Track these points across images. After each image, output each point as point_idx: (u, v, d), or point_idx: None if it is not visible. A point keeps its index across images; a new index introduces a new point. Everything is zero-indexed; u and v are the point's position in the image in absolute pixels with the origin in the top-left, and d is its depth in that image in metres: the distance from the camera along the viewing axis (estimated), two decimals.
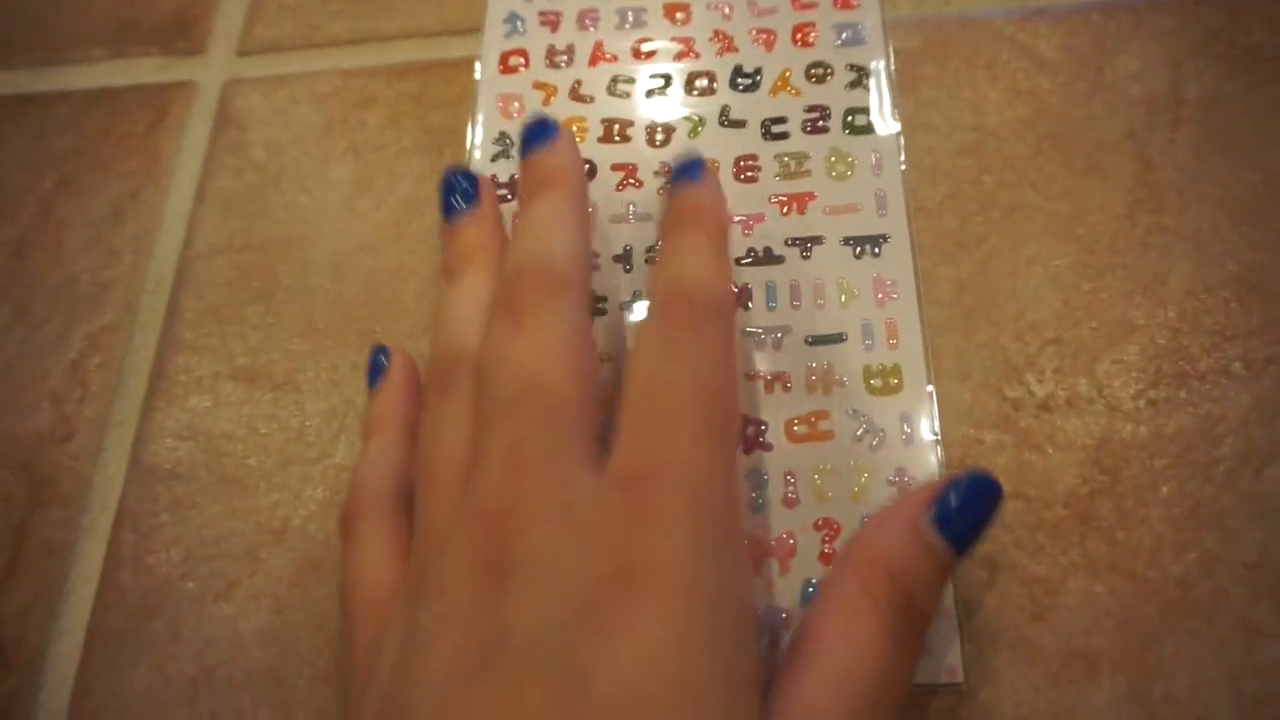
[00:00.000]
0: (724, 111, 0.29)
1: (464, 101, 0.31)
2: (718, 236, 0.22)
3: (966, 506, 0.18)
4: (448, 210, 0.25)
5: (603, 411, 0.20)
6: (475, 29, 0.32)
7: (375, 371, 0.25)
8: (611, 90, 0.30)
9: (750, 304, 0.26)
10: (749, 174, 0.28)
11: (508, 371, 0.19)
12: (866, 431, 0.25)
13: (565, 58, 0.31)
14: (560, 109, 0.30)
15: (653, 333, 0.19)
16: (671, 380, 0.18)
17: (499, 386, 0.19)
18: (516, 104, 0.30)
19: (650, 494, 0.16)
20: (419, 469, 0.20)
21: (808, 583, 0.23)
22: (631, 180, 0.29)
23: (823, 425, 0.25)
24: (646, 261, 0.27)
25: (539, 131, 0.24)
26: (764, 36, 0.30)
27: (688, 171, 0.24)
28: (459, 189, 0.24)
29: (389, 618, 0.18)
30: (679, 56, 0.31)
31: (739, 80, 0.30)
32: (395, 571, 0.20)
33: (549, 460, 0.17)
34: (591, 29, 0.31)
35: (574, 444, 0.18)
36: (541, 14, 0.32)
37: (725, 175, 0.28)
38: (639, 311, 0.27)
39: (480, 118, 0.30)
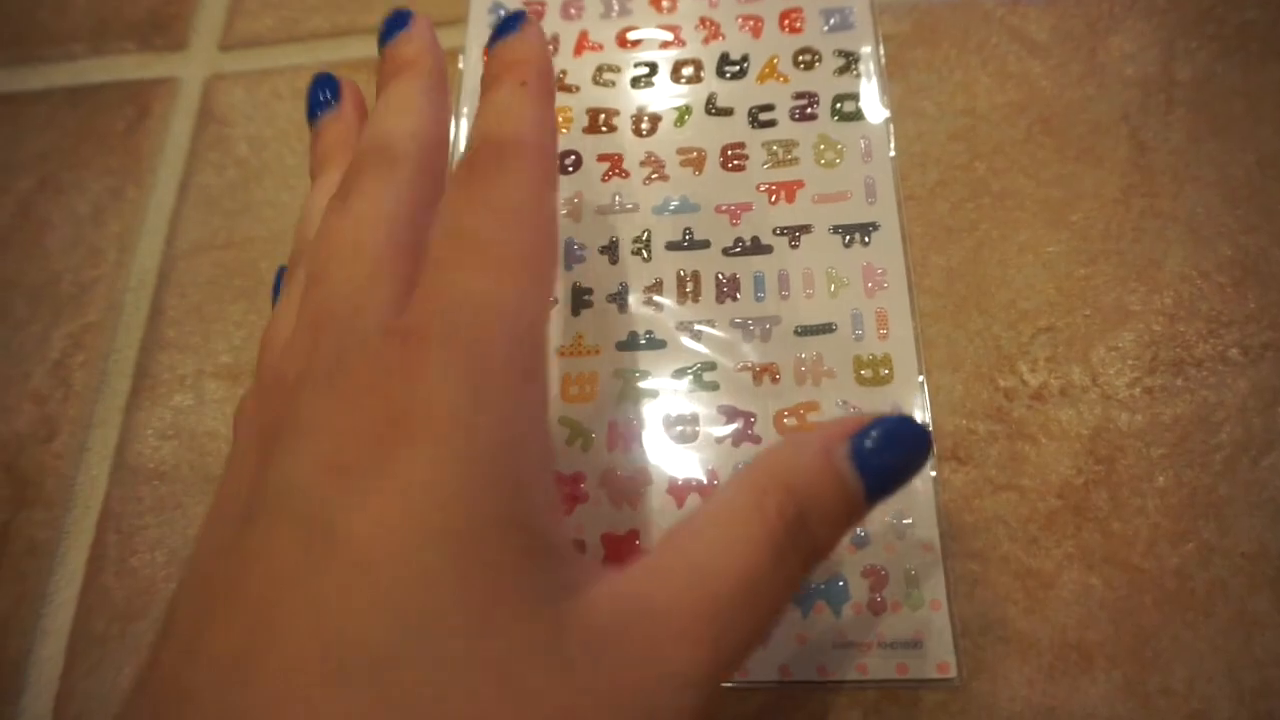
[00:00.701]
0: (711, 99, 0.29)
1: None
2: (534, 84, 0.20)
3: (887, 447, 0.17)
4: (312, 113, 0.24)
5: None
6: (456, 20, 0.32)
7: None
8: (597, 80, 0.30)
9: (738, 294, 0.26)
10: (737, 162, 0.28)
11: (323, 244, 0.18)
12: None
13: (550, 47, 0.31)
14: None
15: (456, 186, 0.19)
16: (466, 227, 0.18)
17: (313, 260, 0.18)
18: None
19: (426, 342, 0.16)
20: (257, 365, 0.20)
21: None
22: (617, 171, 0.28)
23: (812, 417, 0.24)
24: (633, 253, 0.27)
25: (393, 23, 0.23)
26: (751, 23, 0.30)
27: (506, 25, 0.22)
28: (323, 91, 0.24)
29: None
30: (665, 45, 0.30)
31: (726, 68, 0.29)
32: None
33: (348, 323, 0.17)
34: (576, 18, 0.31)
35: (382, 307, 0.17)
36: (526, 3, 0.31)
37: (713, 164, 0.28)
38: (629, 304, 0.26)
39: (465, 110, 0.30)
